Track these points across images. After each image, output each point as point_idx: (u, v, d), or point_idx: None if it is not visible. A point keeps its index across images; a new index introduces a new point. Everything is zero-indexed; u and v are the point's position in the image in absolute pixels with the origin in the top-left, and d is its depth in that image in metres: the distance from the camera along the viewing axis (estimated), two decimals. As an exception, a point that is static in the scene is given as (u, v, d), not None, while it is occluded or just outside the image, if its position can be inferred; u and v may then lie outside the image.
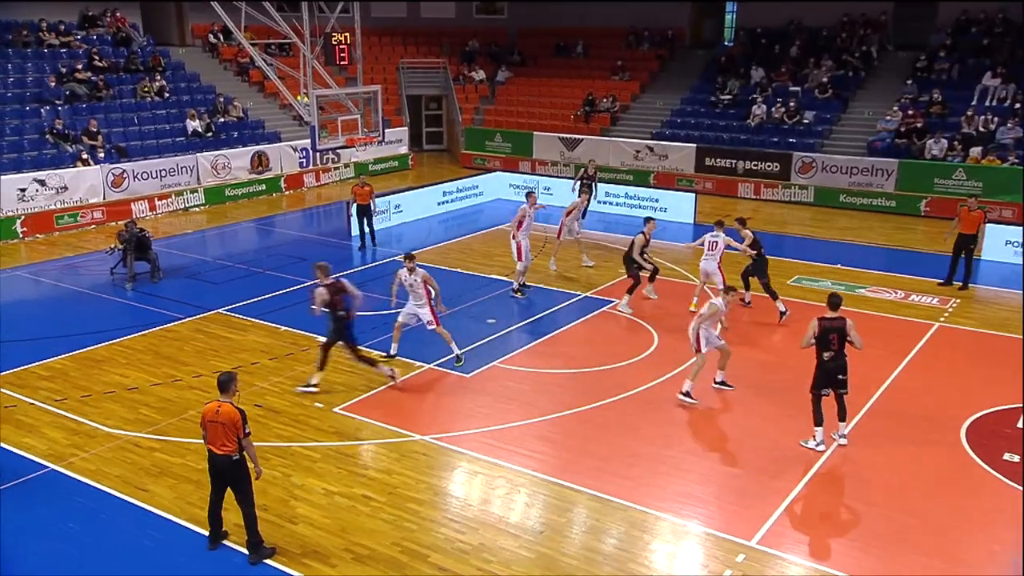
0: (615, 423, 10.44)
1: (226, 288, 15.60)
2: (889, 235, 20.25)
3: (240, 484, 7.63)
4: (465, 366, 12.01)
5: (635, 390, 11.35)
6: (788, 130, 25.20)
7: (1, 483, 8.91)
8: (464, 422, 10.46)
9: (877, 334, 13.42)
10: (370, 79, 26.27)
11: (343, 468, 9.34)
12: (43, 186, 19.68)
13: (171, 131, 23.81)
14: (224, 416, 7.43)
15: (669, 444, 9.93)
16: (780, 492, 8.92)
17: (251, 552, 7.74)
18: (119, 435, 10.01)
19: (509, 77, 31.87)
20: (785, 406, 10.75)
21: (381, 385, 11.41)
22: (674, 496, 8.85)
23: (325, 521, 8.34)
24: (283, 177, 24.92)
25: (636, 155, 26.19)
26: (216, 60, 28.67)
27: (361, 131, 18.88)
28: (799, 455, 9.67)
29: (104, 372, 11.84)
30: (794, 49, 27.68)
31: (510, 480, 9.15)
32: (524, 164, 27.73)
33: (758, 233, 14.88)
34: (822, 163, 23.58)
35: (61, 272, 16.62)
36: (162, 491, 8.81)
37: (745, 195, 24.45)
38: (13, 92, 22.11)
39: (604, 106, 28.53)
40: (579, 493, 8.90)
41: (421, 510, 8.56)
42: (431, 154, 31.99)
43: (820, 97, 25.90)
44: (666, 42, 30.91)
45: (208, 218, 21.78)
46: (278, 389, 11.30)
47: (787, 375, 11.50)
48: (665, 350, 12.76)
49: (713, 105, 27.22)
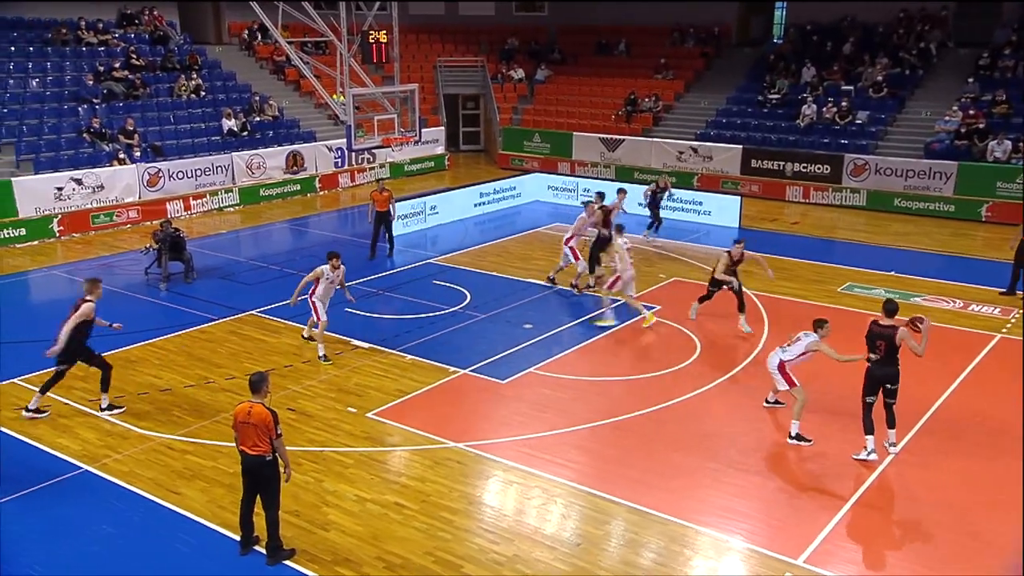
0: (655, 433, 10.37)
1: (259, 289, 15.84)
2: (947, 241, 19.83)
3: (270, 486, 7.75)
4: (501, 372, 12.03)
5: (676, 399, 11.26)
6: (840, 131, 24.83)
7: (36, 483, 9.14)
8: (499, 429, 10.48)
9: (933, 346, 13.06)
10: (407, 78, 26.51)
11: (376, 474, 9.41)
12: (80, 185, 20.19)
13: (207, 130, 24.27)
14: (256, 417, 7.55)
15: (712, 456, 9.83)
16: (829, 508, 8.78)
17: (269, 555, 7.87)
18: (152, 437, 10.22)
19: (548, 76, 31.90)
20: (833, 419, 10.58)
21: (414, 391, 11.48)
22: (716, 510, 8.76)
23: (357, 528, 8.42)
24: (318, 177, 25.24)
25: (679, 156, 26.02)
26: (252, 59, 29.18)
27: (397, 131, 19.05)
28: (849, 470, 9.51)
29: (138, 373, 12.10)
30: (847, 46, 27.28)
31: (546, 490, 9.14)
32: (563, 165, 27.73)
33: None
34: (876, 165, 23.19)
35: (96, 271, 17.00)
36: (194, 494, 8.97)
37: (793, 198, 24.14)
38: (52, 91, 22.74)
39: (646, 106, 28.40)
40: (617, 505, 8.86)
41: (455, 519, 8.59)
42: (468, 154, 32.15)
43: (874, 96, 25.47)
44: (712, 40, 30.69)
45: (242, 218, 22.15)
46: (311, 393, 11.44)
47: (835, 386, 11.33)
48: (707, 359, 12.64)
49: (760, 105, 26.94)
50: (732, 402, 11.24)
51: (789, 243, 19.27)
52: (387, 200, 17.97)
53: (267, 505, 7.79)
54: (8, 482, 9.14)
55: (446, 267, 17.39)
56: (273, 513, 7.80)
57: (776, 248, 18.39)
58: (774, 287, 15.79)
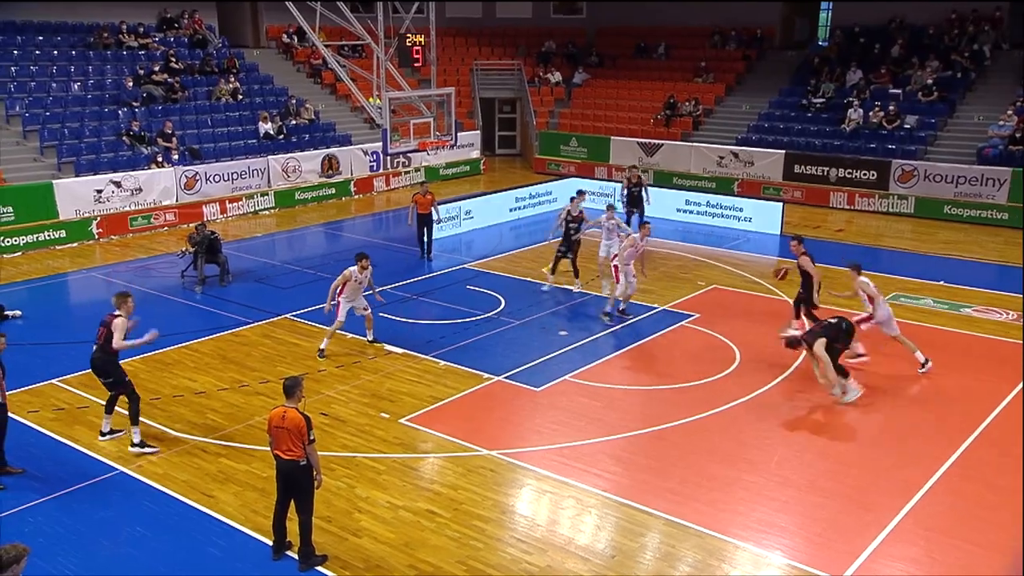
0: (693, 444, 10.28)
1: (294, 293, 16.04)
2: (1000, 250, 19.40)
3: (303, 491, 7.84)
4: (535, 379, 12.03)
5: (715, 410, 11.15)
6: (887, 136, 24.45)
7: (73, 484, 9.35)
8: (533, 438, 10.47)
9: (985, 358, 12.89)
10: (443, 81, 26.69)
11: (408, 481, 9.46)
12: (118, 187, 20.63)
13: (243, 133, 24.67)
14: (290, 422, 7.65)
15: (751, 468, 9.72)
16: (873, 525, 8.61)
17: (301, 560, 7.95)
18: (186, 439, 10.39)
19: (586, 79, 31.89)
20: (881, 432, 10.39)
21: (448, 397, 11.53)
22: (756, 524, 8.65)
23: (389, 535, 8.46)
24: (353, 181, 25.50)
25: (719, 161, 25.83)
26: (289, 62, 29.62)
27: (433, 134, 19.15)
28: (895, 485, 9.33)
29: (173, 375, 12.32)
30: (895, 48, 26.88)
31: (580, 500, 9.11)
32: (600, 170, 27.68)
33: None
34: (924, 171, 22.79)
35: (133, 274, 17.38)
36: (227, 498, 9.09)
37: (838, 205, 23.81)
38: (93, 94, 23.29)
39: (686, 109, 28.25)
40: (653, 517, 8.79)
41: (487, 528, 8.60)
42: (503, 159, 32.24)
43: (924, 100, 25.04)
44: (754, 42, 30.44)
45: (277, 221, 22.45)
46: (344, 398, 11.54)
47: (883, 398, 11.13)
48: (747, 368, 12.51)
49: (804, 109, 26.64)
50: (773, 413, 11.09)
51: (833, 251, 18.95)
52: (430, 203, 18.12)
53: (300, 510, 7.87)
54: (47, 482, 9.35)
55: (480, 272, 17.45)
56: (306, 518, 7.88)
57: (819, 256, 17.94)
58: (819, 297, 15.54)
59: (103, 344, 9.90)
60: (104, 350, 9.91)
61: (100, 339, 9.95)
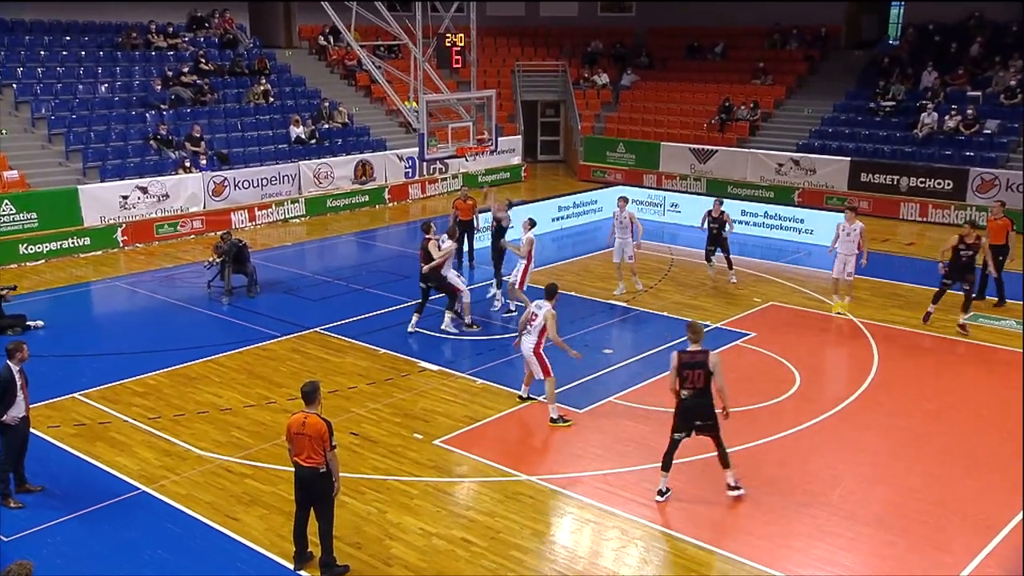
0: (748, 472, 10.14)
1: (324, 305, 16.22)
2: (1089, 267, 18.86)
3: (324, 499, 8.00)
4: (578, 400, 11.99)
5: (772, 436, 11.01)
6: (964, 142, 24.02)
7: (94, 503, 9.54)
8: (575, 463, 10.43)
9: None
10: (483, 83, 26.84)
11: (442, 507, 9.49)
12: (145, 193, 21.09)
13: (274, 137, 25.08)
14: (311, 428, 7.79)
15: (812, 500, 9.57)
16: (949, 568, 8.41)
17: (322, 571, 8.06)
18: (211, 458, 10.55)
19: (635, 81, 31.87)
20: (954, 462, 10.16)
21: (485, 418, 11.54)
22: (816, 562, 8.51)
23: (421, 565, 8.49)
24: (387, 188, 25.77)
25: (778, 169, 25.59)
26: (323, 63, 30.09)
27: (472, 139, 19.26)
28: (972, 523, 9.11)
29: (198, 391, 12.52)
30: (975, 48, 26.42)
31: (625, 531, 9.04)
32: (649, 177, 27.60)
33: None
34: (1007, 180, 22.31)
35: (158, 283, 17.74)
36: (252, 521, 9.20)
37: (909, 216, 23.43)
38: (120, 96, 23.87)
39: (742, 114, 28.07)
40: (703, 551, 8.69)
41: (525, 559, 8.58)
42: (546, 165, 32.32)
43: (1006, 103, 24.55)
44: (817, 41, 30.18)
45: (308, 230, 22.76)
46: (375, 417, 11.62)
47: (958, 425, 10.88)
48: (808, 392, 12.33)
49: (872, 113, 26.30)
50: (836, 441, 10.92)
51: (903, 266, 18.67)
52: (471, 209, 18.23)
53: (320, 517, 8.04)
54: (66, 500, 9.56)
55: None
56: (326, 527, 8.02)
57: (888, 271, 17.85)
58: (888, 316, 15.32)
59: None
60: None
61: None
